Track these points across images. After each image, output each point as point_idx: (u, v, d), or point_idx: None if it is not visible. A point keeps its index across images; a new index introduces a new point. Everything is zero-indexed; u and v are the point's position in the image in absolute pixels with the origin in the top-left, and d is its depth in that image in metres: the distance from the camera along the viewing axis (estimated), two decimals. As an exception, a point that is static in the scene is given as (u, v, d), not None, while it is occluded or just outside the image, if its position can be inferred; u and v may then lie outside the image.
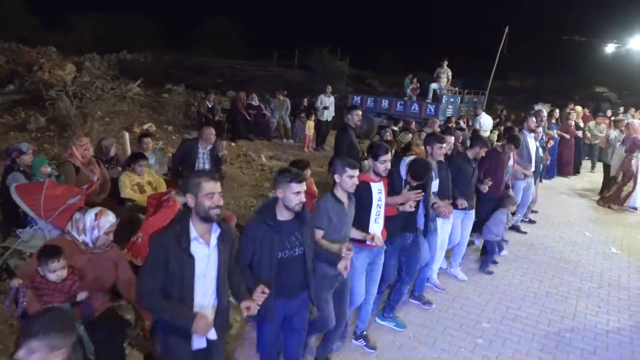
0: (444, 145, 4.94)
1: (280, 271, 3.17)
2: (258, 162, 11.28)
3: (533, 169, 7.54)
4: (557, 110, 11.64)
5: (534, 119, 7.93)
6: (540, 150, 8.01)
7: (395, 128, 11.71)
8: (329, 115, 13.49)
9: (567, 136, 11.89)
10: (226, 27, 32.82)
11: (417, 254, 4.64)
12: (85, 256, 3.42)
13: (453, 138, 6.10)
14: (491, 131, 12.69)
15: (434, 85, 15.32)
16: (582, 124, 13.07)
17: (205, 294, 2.86)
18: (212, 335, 2.84)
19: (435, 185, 4.98)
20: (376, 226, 4.11)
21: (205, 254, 2.82)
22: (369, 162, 4.10)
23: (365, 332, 4.48)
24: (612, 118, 13.65)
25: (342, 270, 3.41)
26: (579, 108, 13.89)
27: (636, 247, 7.61)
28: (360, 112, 6.85)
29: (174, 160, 7.15)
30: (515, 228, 7.71)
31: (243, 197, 8.34)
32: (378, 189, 4.09)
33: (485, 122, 13.13)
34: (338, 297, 3.83)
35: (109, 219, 3.49)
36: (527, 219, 8.26)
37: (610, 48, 20.16)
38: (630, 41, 18.76)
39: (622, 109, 16.66)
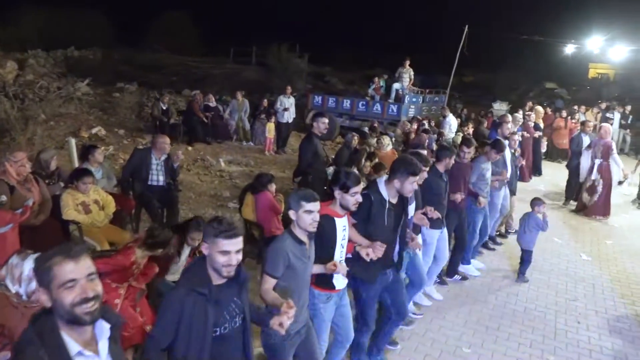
0: (427, 168, 4.52)
1: (216, 351, 2.48)
2: (217, 167, 10.75)
3: (509, 177, 7.29)
4: (520, 115, 11.45)
5: (509, 125, 7.72)
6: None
7: (366, 129, 11.37)
8: (289, 116, 13.05)
9: (527, 134, 11.77)
10: (180, 22, 31.75)
11: (402, 290, 4.17)
12: (17, 311, 2.81)
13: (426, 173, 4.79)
14: (456, 133, 12.53)
15: (396, 85, 15.09)
16: (542, 124, 13.04)
17: None
18: None
19: (411, 210, 4.41)
20: (340, 267, 3.50)
21: None
22: (336, 194, 3.43)
23: None
24: (580, 120, 13.63)
25: (275, 327, 2.66)
26: (539, 108, 13.92)
27: (605, 253, 7.53)
28: (327, 120, 6.43)
29: (124, 172, 6.58)
30: (486, 243, 7.32)
31: (201, 209, 7.80)
32: (343, 226, 3.46)
33: (453, 123, 12.95)
34: (304, 348, 3.27)
35: (31, 265, 2.92)
36: (498, 232, 7.92)
37: (570, 48, 20.47)
38: (587, 41, 19.06)
39: (583, 108, 16.94)
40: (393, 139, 9.43)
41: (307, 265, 3.13)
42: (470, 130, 12.52)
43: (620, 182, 9.55)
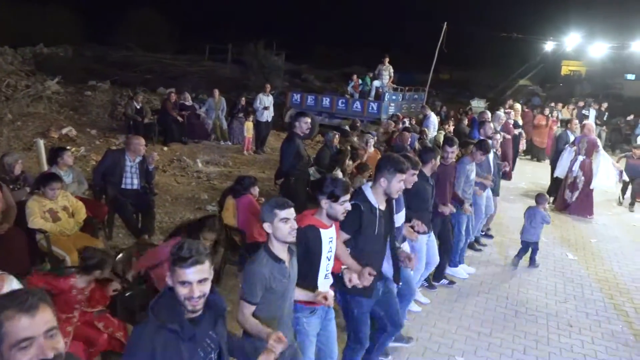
0: (417, 171, 4.25)
1: None
2: (194, 168, 10.41)
3: (493, 178, 7.11)
4: (501, 113, 11.32)
5: (492, 124, 7.59)
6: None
7: (347, 127, 11.15)
8: (268, 115, 12.74)
9: (509, 136, 11.72)
10: (153, 19, 31.08)
11: (394, 300, 3.93)
12: None
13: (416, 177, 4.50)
14: (437, 131, 12.40)
15: (376, 83, 14.90)
16: (520, 122, 12.99)
17: None
18: None
19: (401, 217, 4.19)
20: (326, 282, 3.28)
21: None
22: (323, 203, 3.16)
23: None
24: (561, 118, 13.61)
25: None
26: (517, 106, 13.85)
27: (591, 252, 7.46)
28: (309, 120, 6.20)
29: (95, 175, 6.24)
30: (472, 245, 7.17)
31: (178, 213, 7.47)
32: (329, 237, 3.19)
33: (435, 122, 12.80)
34: None
35: (12, 286, 2.63)
36: (483, 232, 7.76)
37: (549, 46, 20.61)
38: (565, 39, 19.19)
39: (560, 105, 17.03)
40: (375, 138, 9.21)
41: (288, 285, 2.85)
42: (451, 129, 12.44)
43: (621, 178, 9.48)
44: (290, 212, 2.76)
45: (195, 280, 2.09)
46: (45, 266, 4.81)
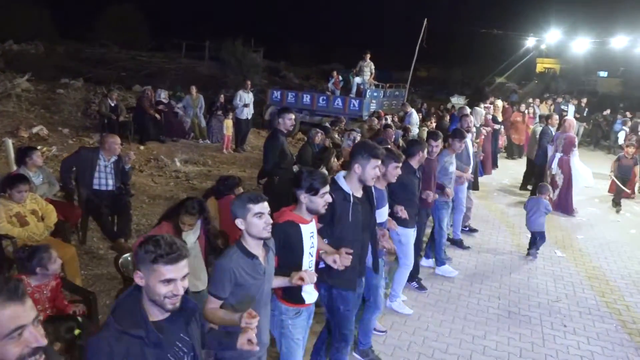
0: (401, 164, 4.05)
1: None
2: (172, 167, 10.07)
3: (472, 171, 7.10)
4: (481, 109, 11.21)
5: (471, 118, 7.50)
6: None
7: (327, 124, 10.91)
8: (249, 113, 12.44)
9: (488, 129, 11.59)
10: (129, 16, 30.41)
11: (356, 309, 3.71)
12: None
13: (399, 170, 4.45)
14: (420, 128, 12.27)
15: (357, 80, 14.71)
16: (500, 118, 12.92)
17: None
18: None
19: (384, 213, 4.05)
20: (308, 278, 3.09)
21: None
22: (302, 198, 3.03)
23: None
24: (539, 113, 13.48)
25: (245, 347, 2.31)
26: (498, 102, 13.81)
27: (579, 249, 7.38)
28: (293, 116, 5.94)
29: (62, 167, 5.89)
30: (456, 243, 7.03)
31: (156, 214, 7.10)
32: (310, 232, 3.08)
33: (416, 119, 12.67)
34: None
35: None
36: (467, 228, 7.63)
37: (531, 41, 20.69)
38: (545, 36, 19.26)
39: (537, 101, 17.06)
40: (360, 135, 9.01)
41: (262, 282, 2.71)
42: (434, 125, 12.33)
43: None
44: (264, 206, 2.64)
45: (180, 276, 1.95)
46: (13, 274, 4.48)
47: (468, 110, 9.64)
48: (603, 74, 38.55)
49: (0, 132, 9.88)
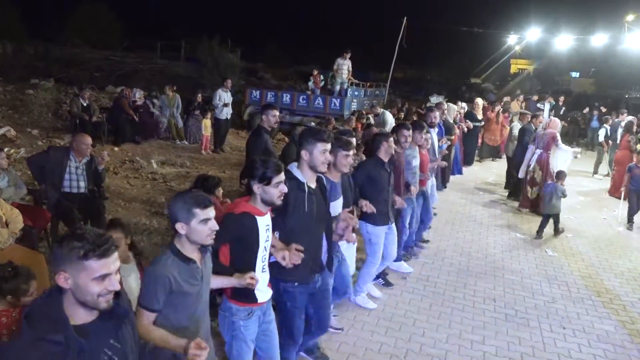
0: (351, 152, 3.82)
1: None
2: (148, 169, 9.67)
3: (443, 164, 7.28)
4: (454, 106, 11.00)
5: (436, 113, 7.38)
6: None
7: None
8: (228, 112, 12.06)
9: (463, 125, 11.32)
10: (101, 15, 29.68)
11: (327, 301, 3.58)
12: None
13: (354, 140, 4.58)
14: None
15: (339, 79, 14.43)
16: (480, 116, 12.76)
17: None
18: None
19: (338, 206, 3.85)
20: (263, 275, 2.97)
21: None
22: (255, 188, 2.87)
23: None
24: (519, 111, 13.21)
25: None
26: (478, 100, 13.64)
27: (569, 247, 7.25)
28: (277, 113, 5.65)
29: (32, 169, 5.56)
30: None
31: (133, 217, 6.77)
32: (266, 225, 2.92)
33: (390, 119, 12.35)
34: None
35: None
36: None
37: (512, 39, 20.76)
38: (526, 34, 19.33)
39: (508, 98, 17.11)
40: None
41: (200, 287, 2.48)
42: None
43: (576, 157, 9.10)
44: (211, 211, 2.41)
45: (114, 270, 1.76)
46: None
47: (445, 106, 9.59)
48: (575, 74, 39.23)
49: (-36, 133, 9.36)
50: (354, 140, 4.43)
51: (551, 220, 7.58)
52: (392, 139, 4.79)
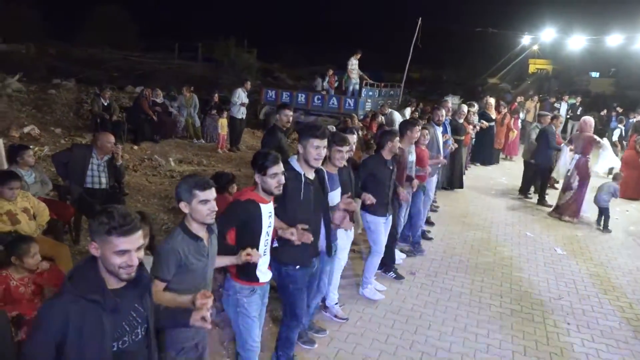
0: (344, 148, 4.00)
1: None
2: (166, 167, 9.94)
3: (445, 161, 7.48)
4: (464, 106, 10.95)
5: (443, 111, 7.52)
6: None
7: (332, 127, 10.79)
8: (243, 112, 12.32)
9: (477, 125, 11.28)
10: (120, 16, 30.17)
11: (311, 290, 3.87)
12: None
13: (355, 137, 5.09)
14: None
15: (353, 81, 14.56)
16: (493, 116, 12.76)
17: None
18: None
19: (336, 196, 4.08)
20: (264, 258, 3.23)
21: None
22: (256, 178, 3.13)
23: None
24: (539, 112, 13.08)
25: (198, 324, 2.30)
26: (491, 100, 13.59)
27: (579, 246, 7.32)
28: (290, 113, 5.87)
29: (56, 166, 5.81)
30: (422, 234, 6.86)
31: (151, 213, 7.01)
32: (268, 212, 3.17)
33: (397, 118, 12.44)
34: None
35: None
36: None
37: (526, 39, 20.67)
38: (540, 35, 19.25)
39: (522, 98, 17.06)
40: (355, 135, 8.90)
41: (205, 263, 2.76)
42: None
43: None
44: (210, 193, 2.67)
45: (134, 247, 1.98)
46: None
47: (449, 104, 9.46)
48: (595, 74, 38.79)
49: (-9, 131, 9.71)
50: (353, 137, 4.77)
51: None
52: (397, 139, 4.97)
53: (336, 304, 4.78)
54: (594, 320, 5.13)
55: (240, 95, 12.11)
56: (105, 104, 11.15)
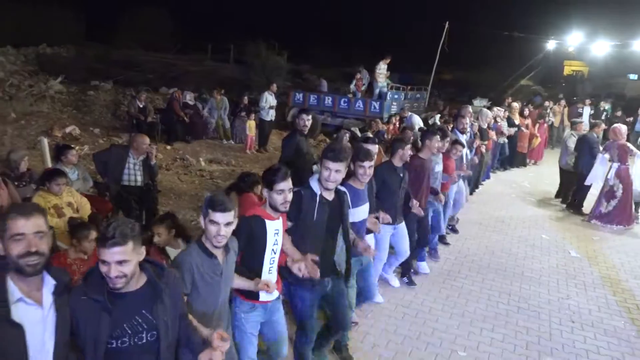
0: (366, 163, 3.90)
1: None
2: (197, 166, 10.45)
3: (470, 172, 7.46)
4: (488, 111, 10.93)
5: (467, 119, 7.65)
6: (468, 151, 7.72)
7: (356, 130, 11.11)
8: (272, 114, 12.77)
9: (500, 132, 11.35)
10: (155, 18, 31.05)
11: (342, 301, 3.70)
12: None
13: (376, 147, 4.84)
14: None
15: (381, 84, 14.84)
16: (517, 121, 12.72)
17: None
18: None
19: (362, 212, 4.05)
20: (270, 277, 3.20)
21: (38, 318, 2.06)
22: (264, 192, 3.15)
23: None
24: (572, 120, 12.93)
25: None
26: (515, 104, 13.43)
27: (593, 249, 7.46)
28: (307, 117, 6.18)
29: (97, 164, 6.30)
30: (440, 238, 6.97)
31: (182, 210, 7.50)
32: (275, 229, 3.12)
33: (417, 121, 12.54)
34: None
35: None
36: (451, 226, 7.64)
37: (551, 44, 20.53)
38: (567, 38, 19.12)
39: (550, 103, 16.94)
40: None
41: (219, 282, 2.78)
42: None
43: None
44: (221, 216, 2.63)
45: (113, 261, 2.13)
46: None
47: (470, 110, 9.31)
48: (633, 76, 37.82)
49: (36, 131, 10.39)
50: (375, 147, 4.61)
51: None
52: (408, 146, 5.03)
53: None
54: (599, 320, 5.32)
55: (268, 99, 12.56)
56: (141, 106, 11.77)
